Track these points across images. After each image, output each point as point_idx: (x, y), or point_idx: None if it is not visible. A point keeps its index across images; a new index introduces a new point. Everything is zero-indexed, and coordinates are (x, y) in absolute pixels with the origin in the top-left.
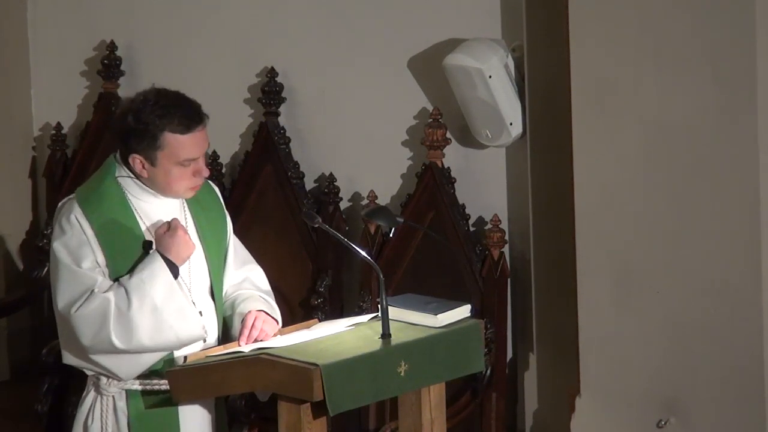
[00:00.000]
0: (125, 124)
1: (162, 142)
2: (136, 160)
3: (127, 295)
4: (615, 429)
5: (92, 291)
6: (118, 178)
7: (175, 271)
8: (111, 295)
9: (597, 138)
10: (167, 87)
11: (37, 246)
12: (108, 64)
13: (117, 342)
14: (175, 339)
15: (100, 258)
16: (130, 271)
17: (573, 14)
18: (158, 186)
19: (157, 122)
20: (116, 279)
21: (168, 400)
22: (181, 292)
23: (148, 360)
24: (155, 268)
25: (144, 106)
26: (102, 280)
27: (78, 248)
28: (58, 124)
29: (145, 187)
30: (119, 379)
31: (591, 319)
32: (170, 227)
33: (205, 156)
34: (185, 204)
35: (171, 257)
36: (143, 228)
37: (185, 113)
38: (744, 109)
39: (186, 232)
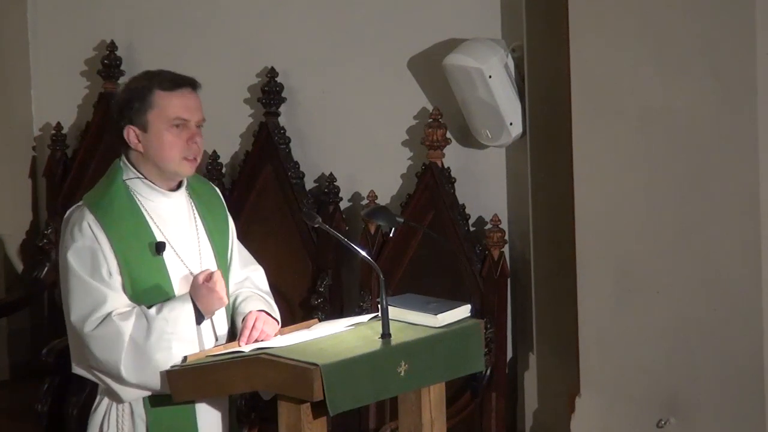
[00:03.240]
0: (118, 99)
1: (151, 101)
2: (131, 131)
3: (148, 330)
4: (615, 429)
5: (109, 314)
6: (126, 181)
7: (200, 318)
8: (129, 324)
9: (597, 138)
10: None
11: (37, 246)
12: (108, 64)
13: (125, 372)
14: None
15: (113, 265)
16: (146, 285)
17: (573, 14)
18: (153, 158)
19: (146, 83)
20: (132, 286)
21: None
22: (197, 345)
23: (152, 389)
24: (182, 314)
25: (135, 78)
26: (115, 298)
27: (91, 257)
28: (58, 124)
29: (153, 186)
30: (120, 401)
31: (591, 319)
32: (212, 279)
33: (200, 129)
34: (193, 204)
35: (201, 307)
36: (154, 228)
37: (175, 74)
38: (744, 109)
39: (224, 288)
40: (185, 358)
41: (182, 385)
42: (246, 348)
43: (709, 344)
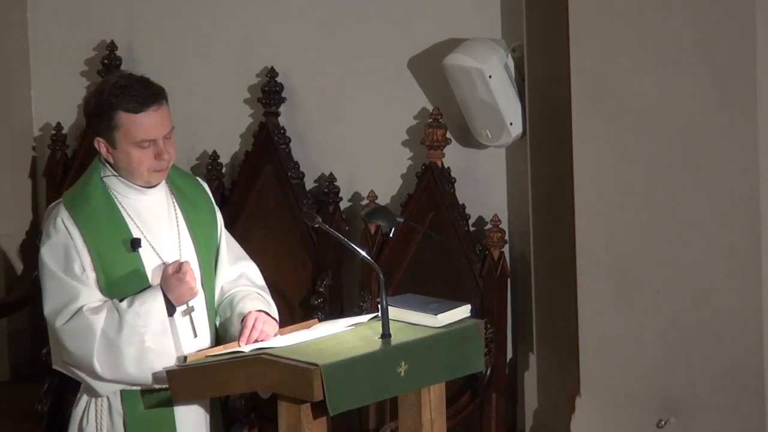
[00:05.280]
0: (87, 107)
1: (117, 122)
2: (100, 143)
3: (119, 324)
4: (615, 429)
5: (80, 308)
6: (104, 178)
7: (171, 310)
8: (101, 318)
9: (597, 138)
10: (166, 87)
11: (37, 246)
12: (108, 64)
13: (98, 366)
14: (152, 379)
15: (87, 261)
16: (122, 281)
17: (573, 14)
18: (123, 170)
19: (112, 101)
20: (107, 282)
21: (164, 400)
22: (170, 336)
23: (127, 383)
24: (154, 307)
25: (104, 87)
26: (88, 293)
27: (64, 253)
28: (58, 124)
29: (130, 183)
30: (98, 395)
31: (591, 319)
32: (180, 269)
33: (170, 138)
34: (173, 199)
35: (172, 299)
36: (131, 225)
37: (140, 92)
38: (744, 109)
39: (194, 278)
40: (185, 357)
41: (182, 386)
42: (246, 348)
43: (709, 344)
